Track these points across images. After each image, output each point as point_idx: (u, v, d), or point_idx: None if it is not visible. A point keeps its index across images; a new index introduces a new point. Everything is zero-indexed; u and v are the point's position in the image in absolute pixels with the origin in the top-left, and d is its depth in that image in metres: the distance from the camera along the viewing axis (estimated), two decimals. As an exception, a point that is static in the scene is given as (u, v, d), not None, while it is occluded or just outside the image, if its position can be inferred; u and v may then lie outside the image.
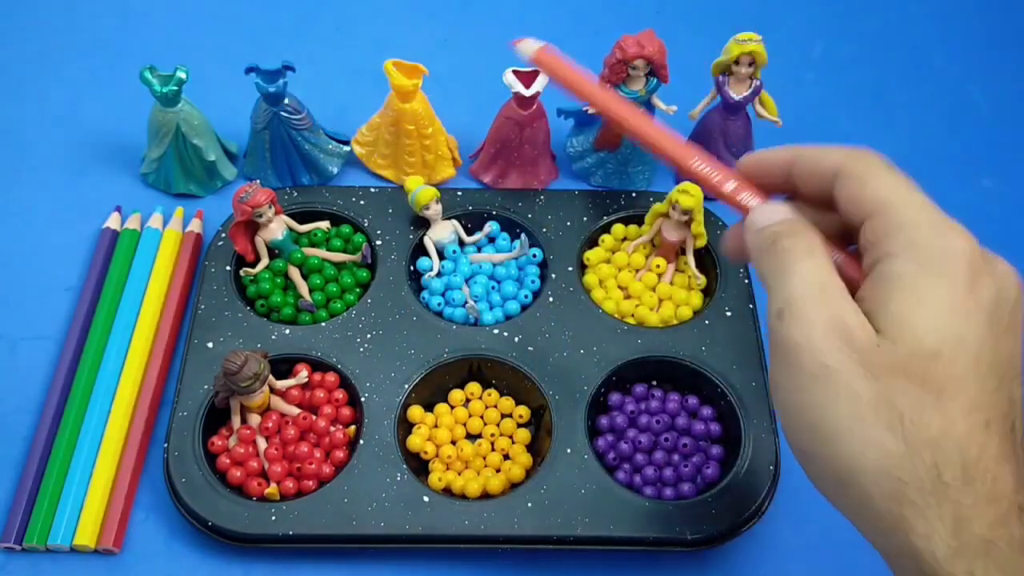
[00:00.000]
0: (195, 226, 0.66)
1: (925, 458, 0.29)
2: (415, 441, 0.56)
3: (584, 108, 0.66)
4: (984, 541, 0.29)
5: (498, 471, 0.56)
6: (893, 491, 0.29)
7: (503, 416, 0.59)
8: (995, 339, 0.31)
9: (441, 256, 0.64)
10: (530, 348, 0.59)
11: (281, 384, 0.57)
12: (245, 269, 0.62)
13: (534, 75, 0.63)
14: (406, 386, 0.57)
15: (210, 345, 0.59)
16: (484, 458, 0.57)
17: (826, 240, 0.34)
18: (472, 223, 0.66)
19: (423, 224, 0.64)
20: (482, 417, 0.58)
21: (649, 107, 0.66)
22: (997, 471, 0.30)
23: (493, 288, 0.63)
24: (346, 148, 0.69)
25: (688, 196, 0.60)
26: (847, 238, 0.36)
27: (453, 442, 0.57)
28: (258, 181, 0.61)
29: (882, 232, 0.32)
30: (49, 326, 0.62)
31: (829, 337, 0.31)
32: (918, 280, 0.31)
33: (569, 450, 0.55)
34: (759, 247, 0.35)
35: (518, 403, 0.59)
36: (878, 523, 0.30)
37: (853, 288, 0.33)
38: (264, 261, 0.62)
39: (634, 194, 0.67)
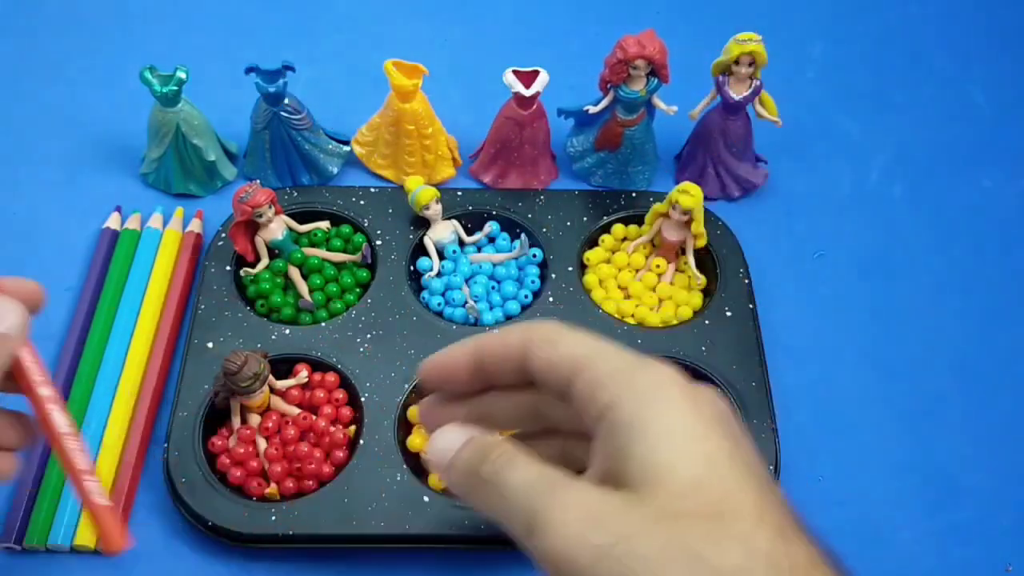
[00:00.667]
0: (195, 226, 0.66)
1: None
2: (415, 441, 0.56)
3: (585, 109, 0.66)
4: None
5: (498, 471, 0.56)
6: None
7: (503, 416, 0.59)
8: (737, 449, 0.30)
9: (441, 256, 0.64)
10: (530, 348, 0.59)
11: (281, 384, 0.57)
12: (245, 269, 0.62)
13: (534, 75, 0.63)
14: (406, 386, 0.57)
15: (210, 345, 0.59)
16: (484, 458, 0.57)
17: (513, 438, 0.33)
18: (472, 223, 0.66)
19: (423, 224, 0.64)
20: (482, 417, 0.58)
21: (650, 107, 0.66)
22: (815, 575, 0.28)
23: (493, 288, 0.63)
24: (346, 148, 0.69)
25: (688, 196, 0.60)
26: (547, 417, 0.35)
27: (453, 442, 0.57)
28: (258, 181, 0.61)
29: (593, 385, 0.31)
30: (49, 326, 0.62)
31: (586, 523, 0.28)
32: (648, 419, 0.30)
33: (569, 450, 0.55)
34: (463, 487, 0.32)
35: (518, 403, 0.59)
36: None
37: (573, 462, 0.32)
38: (264, 261, 0.62)
39: (634, 194, 0.67)
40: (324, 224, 0.65)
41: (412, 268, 0.64)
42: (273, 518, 0.52)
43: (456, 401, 0.36)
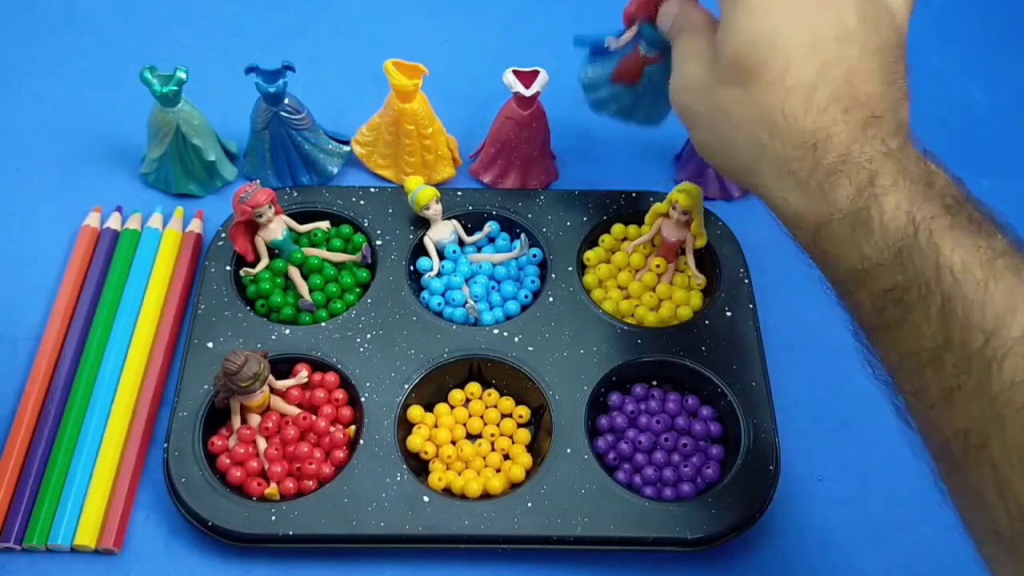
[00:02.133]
0: (195, 226, 0.66)
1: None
2: (415, 441, 0.56)
3: (606, 44, 0.62)
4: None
5: (498, 471, 0.56)
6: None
7: (503, 416, 0.59)
8: (801, 23, 0.39)
9: (441, 256, 0.64)
10: (530, 348, 0.59)
11: (281, 384, 0.57)
12: (245, 269, 0.62)
13: (534, 75, 0.63)
14: (406, 386, 0.58)
15: (210, 345, 0.59)
16: (484, 458, 0.57)
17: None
18: (472, 223, 0.66)
19: (423, 224, 0.64)
20: (482, 417, 0.58)
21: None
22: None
23: (493, 288, 0.63)
24: (346, 148, 0.69)
25: (688, 196, 0.60)
26: None
27: (453, 442, 0.57)
28: (258, 181, 0.61)
29: None
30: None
31: (682, 88, 0.46)
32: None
33: (569, 450, 0.55)
34: (667, 28, 0.51)
35: (518, 403, 0.59)
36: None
37: None
38: (264, 261, 0.62)
39: (634, 194, 0.67)
40: (324, 224, 0.65)
41: (412, 268, 0.64)
42: (273, 518, 0.52)
43: None
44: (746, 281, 0.63)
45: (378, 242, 0.64)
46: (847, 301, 0.41)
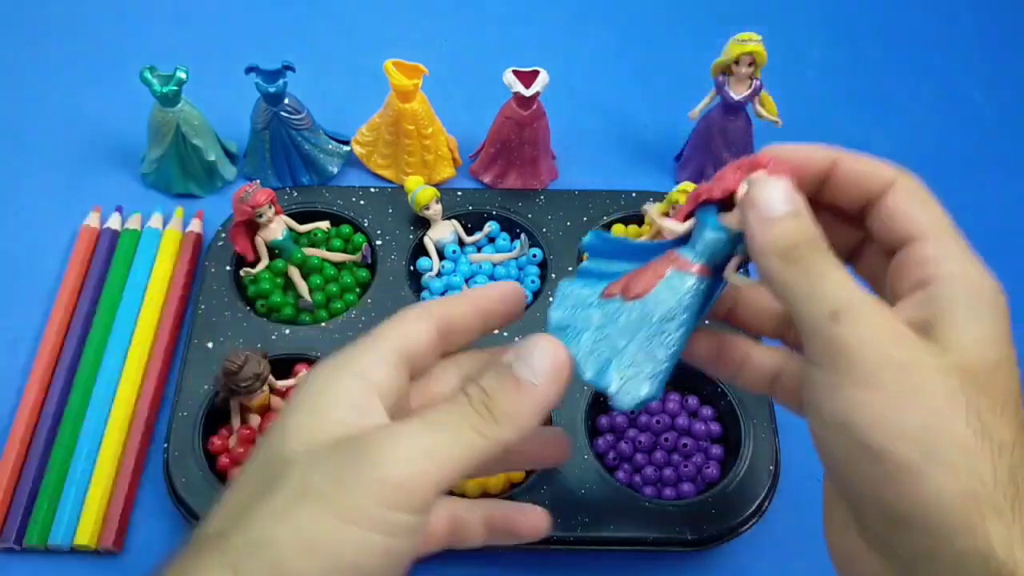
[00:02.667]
0: (195, 226, 0.66)
1: (1004, 460, 0.29)
2: (415, 441, 0.56)
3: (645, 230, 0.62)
4: None
5: (498, 471, 0.56)
6: (971, 490, 0.29)
7: (503, 416, 0.58)
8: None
9: (441, 256, 0.64)
10: (530, 348, 0.59)
11: (281, 384, 0.57)
12: (245, 269, 0.62)
13: (534, 75, 0.63)
14: (406, 386, 0.57)
15: (210, 345, 0.59)
16: (484, 458, 0.57)
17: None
18: (472, 223, 0.66)
19: (423, 224, 0.64)
20: (482, 417, 0.58)
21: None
22: None
23: (493, 288, 0.63)
24: (346, 148, 0.69)
25: (687, 196, 0.60)
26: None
27: (453, 442, 0.57)
28: (258, 181, 0.61)
29: (935, 256, 0.33)
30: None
31: (897, 336, 0.31)
32: (973, 306, 0.32)
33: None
34: (774, 246, 0.32)
35: (518, 403, 0.59)
36: (944, 521, 0.29)
37: None
38: (264, 261, 0.62)
39: (634, 194, 0.67)
40: (324, 224, 0.65)
41: (412, 268, 0.64)
42: (273, 518, 0.52)
43: None
44: (746, 281, 0.63)
45: (378, 242, 0.64)
46: None
